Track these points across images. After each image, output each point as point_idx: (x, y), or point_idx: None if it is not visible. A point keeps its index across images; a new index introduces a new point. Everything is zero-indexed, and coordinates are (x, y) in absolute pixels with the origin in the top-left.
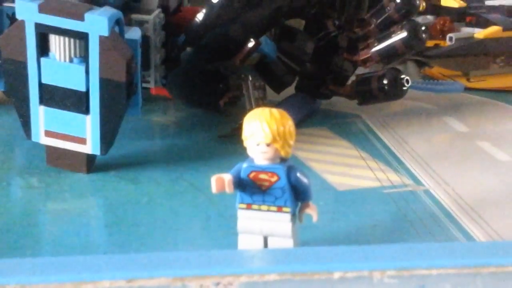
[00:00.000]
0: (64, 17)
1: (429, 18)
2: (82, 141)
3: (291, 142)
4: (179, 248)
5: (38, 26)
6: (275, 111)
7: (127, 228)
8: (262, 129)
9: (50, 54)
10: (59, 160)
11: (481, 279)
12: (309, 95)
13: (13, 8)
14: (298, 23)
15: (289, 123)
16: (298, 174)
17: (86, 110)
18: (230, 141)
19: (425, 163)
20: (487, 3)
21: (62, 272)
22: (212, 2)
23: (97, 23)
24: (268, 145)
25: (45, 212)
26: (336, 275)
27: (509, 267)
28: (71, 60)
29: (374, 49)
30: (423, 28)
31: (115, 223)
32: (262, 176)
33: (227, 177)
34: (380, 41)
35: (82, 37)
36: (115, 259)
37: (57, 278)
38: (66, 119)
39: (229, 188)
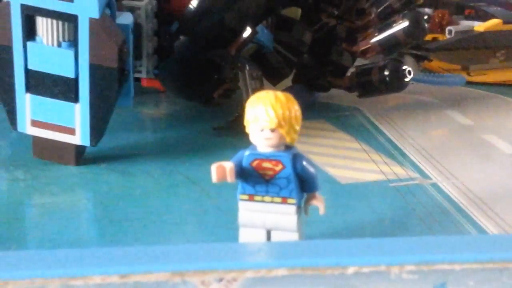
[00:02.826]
0: None
1: (427, 11)
2: (71, 131)
3: (297, 128)
4: (175, 243)
5: (24, 7)
6: (280, 94)
7: (119, 223)
8: (267, 113)
9: (37, 38)
10: (46, 151)
11: (508, 275)
12: (306, 87)
13: None
14: (295, 14)
15: (295, 107)
16: (305, 163)
17: (75, 98)
18: (225, 134)
19: (430, 156)
20: None
21: (48, 266)
22: None
23: (87, 5)
24: (272, 130)
25: (31, 206)
26: (351, 269)
27: None
28: (59, 45)
29: (374, 39)
30: (425, 17)
31: (105, 217)
32: (266, 164)
33: (229, 165)
34: (380, 31)
35: (71, 20)
36: (108, 252)
37: (43, 273)
38: (54, 107)
39: (230, 177)
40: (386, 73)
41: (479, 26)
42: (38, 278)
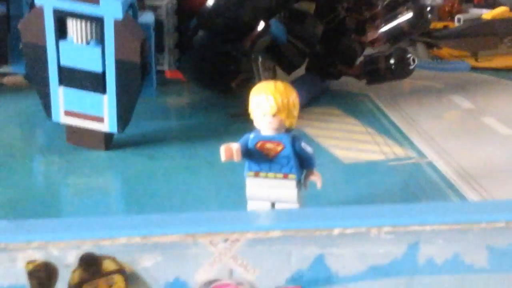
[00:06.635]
0: (80, 2)
1: (438, 0)
2: (100, 119)
3: (295, 113)
4: None
5: (56, 11)
6: (279, 84)
7: (144, 199)
8: (267, 101)
9: (68, 37)
10: (79, 138)
11: (472, 235)
12: (318, 75)
13: None
14: (308, 7)
15: (293, 95)
16: (302, 143)
17: (103, 90)
18: (242, 120)
19: (430, 138)
20: None
21: (82, 230)
22: None
23: (112, 7)
24: (273, 115)
25: (66, 185)
26: (336, 231)
27: (498, 223)
28: (88, 43)
29: (381, 30)
30: (428, 8)
31: (132, 194)
32: (268, 145)
33: (235, 146)
34: (387, 22)
35: (98, 21)
36: (131, 219)
37: (78, 235)
38: (84, 99)
39: (236, 157)
40: (392, 61)
41: (487, 14)
42: (73, 239)
